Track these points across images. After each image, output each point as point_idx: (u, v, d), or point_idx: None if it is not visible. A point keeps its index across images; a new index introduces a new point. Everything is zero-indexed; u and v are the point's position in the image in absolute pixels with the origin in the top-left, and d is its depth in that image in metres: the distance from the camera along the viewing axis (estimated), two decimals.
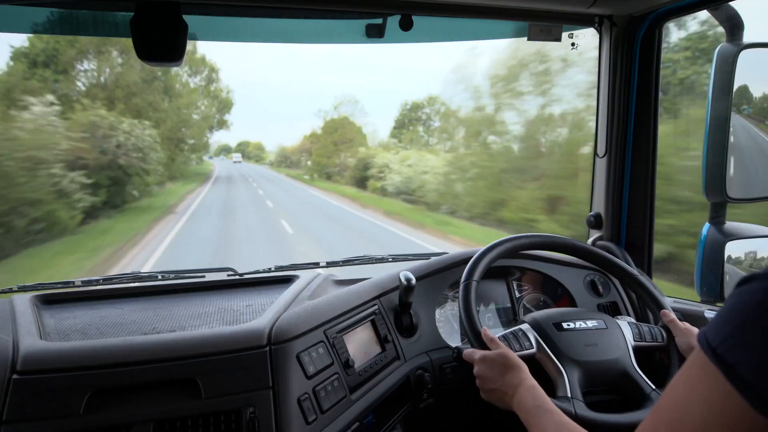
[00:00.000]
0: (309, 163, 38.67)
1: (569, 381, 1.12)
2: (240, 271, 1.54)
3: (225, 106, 35.31)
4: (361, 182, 25.19)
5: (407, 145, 29.15)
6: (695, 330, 1.23)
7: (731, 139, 1.30)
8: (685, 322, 1.25)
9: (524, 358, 1.13)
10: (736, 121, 1.30)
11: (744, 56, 1.27)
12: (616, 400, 1.18)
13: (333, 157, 32.94)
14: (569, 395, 1.10)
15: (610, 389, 1.18)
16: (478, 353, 1.14)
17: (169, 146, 22.46)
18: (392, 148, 27.73)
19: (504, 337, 1.20)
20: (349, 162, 29.24)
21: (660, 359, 1.32)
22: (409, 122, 34.48)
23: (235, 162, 75.01)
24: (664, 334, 1.26)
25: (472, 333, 1.18)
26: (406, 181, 19.43)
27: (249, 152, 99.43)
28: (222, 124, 36.29)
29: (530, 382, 1.02)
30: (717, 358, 0.45)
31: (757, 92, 1.33)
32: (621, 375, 1.17)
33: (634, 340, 1.23)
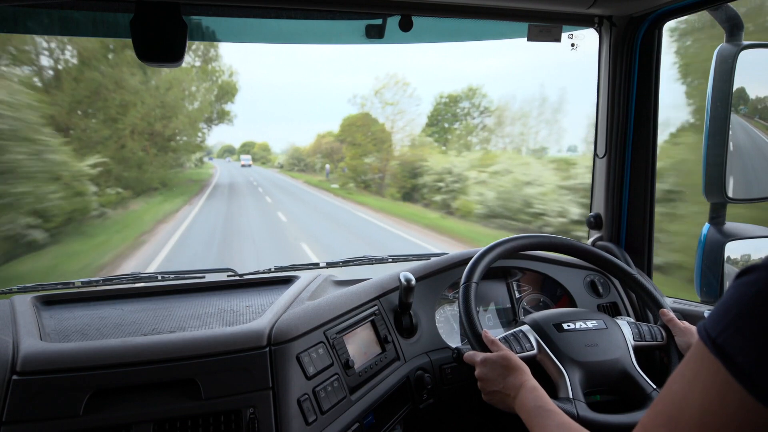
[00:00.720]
0: (328, 166, 30.29)
1: (570, 382, 1.12)
2: (240, 272, 1.54)
3: (227, 92, 26.02)
4: (409, 195, 18.80)
5: (444, 144, 22.28)
6: (694, 329, 1.22)
7: (731, 139, 1.30)
8: (684, 321, 1.25)
9: (525, 359, 1.13)
10: (736, 121, 1.30)
11: (743, 57, 1.28)
12: (617, 400, 1.18)
13: (367, 159, 23.95)
14: (571, 396, 1.10)
15: (610, 389, 1.18)
16: (480, 355, 1.14)
17: (143, 143, 15.81)
18: (434, 149, 21.04)
19: (504, 339, 1.20)
20: (392, 167, 21.63)
21: (660, 358, 1.32)
22: (444, 119, 25.79)
23: (243, 165, 63.18)
24: (664, 334, 1.26)
25: (472, 335, 1.18)
26: (504, 197, 12.31)
27: (254, 153, 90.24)
28: (223, 116, 26.75)
29: (531, 384, 1.03)
30: (716, 348, 0.46)
31: (756, 92, 1.33)
32: (621, 375, 1.17)
33: (634, 340, 1.23)
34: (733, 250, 1.38)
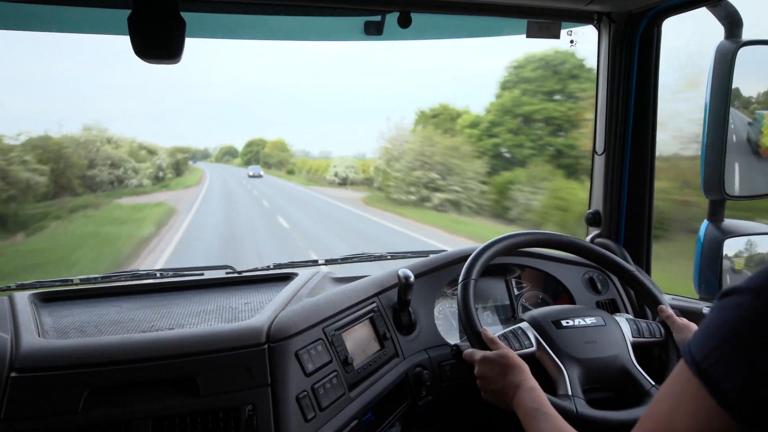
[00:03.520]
0: None
1: (569, 379, 1.13)
2: (239, 269, 1.54)
3: None
4: None
5: None
6: (693, 325, 1.23)
7: (731, 136, 1.30)
8: (682, 318, 1.25)
9: (524, 356, 1.13)
10: (736, 116, 1.30)
11: (743, 53, 1.28)
12: (615, 396, 1.18)
13: None
14: (570, 393, 1.10)
15: (609, 386, 1.18)
16: (479, 354, 1.14)
17: None
18: None
19: (504, 336, 1.20)
20: None
21: (658, 355, 1.33)
22: None
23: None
24: (662, 330, 1.26)
25: (471, 333, 1.18)
26: None
27: (266, 157, 58.25)
28: None
29: (530, 384, 1.03)
30: (701, 374, 0.46)
31: (755, 89, 1.33)
32: (620, 371, 1.17)
33: (633, 337, 1.24)
34: (732, 247, 1.38)
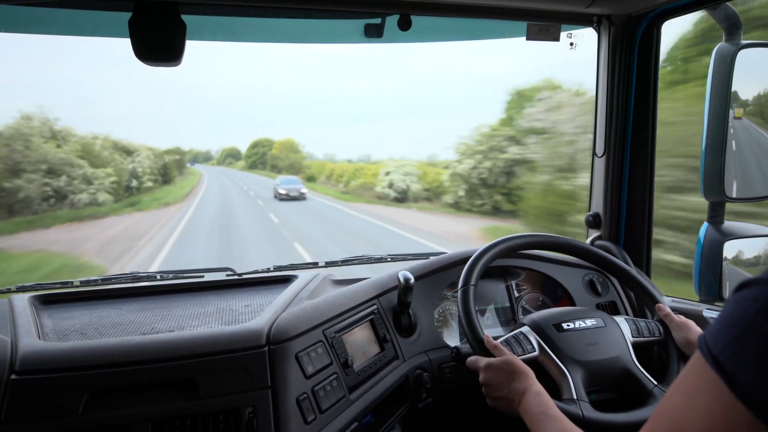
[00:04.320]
0: None
1: (573, 382, 1.12)
2: (239, 271, 1.54)
3: None
4: None
5: None
6: (691, 323, 1.23)
7: (730, 138, 1.30)
8: (680, 316, 1.26)
9: (527, 361, 1.13)
10: (735, 120, 1.30)
11: (742, 56, 1.28)
12: (618, 398, 1.18)
13: None
14: (575, 397, 1.10)
15: (612, 387, 1.19)
16: (483, 361, 1.13)
17: None
18: None
19: (506, 342, 1.20)
20: None
21: (658, 354, 1.33)
22: None
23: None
24: (661, 329, 1.27)
25: (474, 340, 1.18)
26: None
27: (274, 159, 51.35)
28: None
29: (536, 388, 1.02)
30: (718, 367, 0.44)
31: (754, 91, 1.33)
32: (622, 372, 1.18)
33: (632, 336, 1.24)
34: (732, 250, 1.38)
